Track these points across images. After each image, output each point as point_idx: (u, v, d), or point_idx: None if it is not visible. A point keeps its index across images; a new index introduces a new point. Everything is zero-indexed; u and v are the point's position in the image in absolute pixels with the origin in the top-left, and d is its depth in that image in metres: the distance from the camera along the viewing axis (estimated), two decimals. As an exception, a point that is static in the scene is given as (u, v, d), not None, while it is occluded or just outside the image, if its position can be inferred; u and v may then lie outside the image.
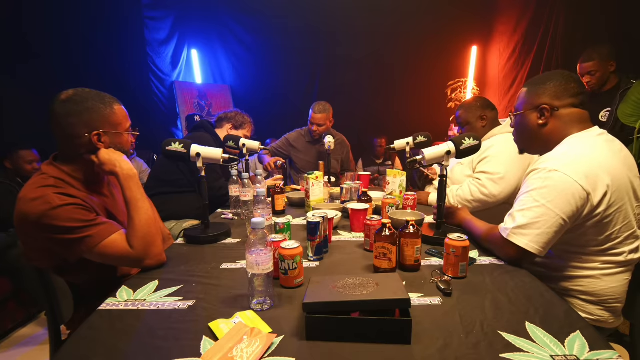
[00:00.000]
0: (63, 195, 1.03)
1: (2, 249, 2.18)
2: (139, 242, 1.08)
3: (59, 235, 1.00)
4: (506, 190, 1.70)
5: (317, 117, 2.60)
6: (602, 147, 1.09)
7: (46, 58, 3.20)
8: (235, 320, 0.82)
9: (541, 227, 1.04)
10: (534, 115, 1.19)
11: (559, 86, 1.15)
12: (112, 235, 1.07)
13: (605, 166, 1.04)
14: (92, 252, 1.04)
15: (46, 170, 1.09)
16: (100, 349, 0.74)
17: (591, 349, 0.71)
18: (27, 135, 2.78)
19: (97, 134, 1.10)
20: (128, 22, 3.89)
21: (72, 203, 1.03)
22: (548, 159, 1.10)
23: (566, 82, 1.15)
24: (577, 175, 1.02)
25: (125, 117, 1.20)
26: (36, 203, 0.99)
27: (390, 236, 1.04)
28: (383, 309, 0.78)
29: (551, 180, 1.04)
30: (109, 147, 1.14)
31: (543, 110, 1.16)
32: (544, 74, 1.23)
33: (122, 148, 1.18)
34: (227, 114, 2.24)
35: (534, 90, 1.20)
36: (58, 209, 1.00)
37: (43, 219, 0.98)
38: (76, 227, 1.01)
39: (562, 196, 1.02)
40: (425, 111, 4.62)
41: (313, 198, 1.74)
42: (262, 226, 0.88)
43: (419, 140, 2.06)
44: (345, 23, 4.49)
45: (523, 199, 1.09)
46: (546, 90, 1.17)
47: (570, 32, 3.42)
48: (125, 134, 1.19)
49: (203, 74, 4.81)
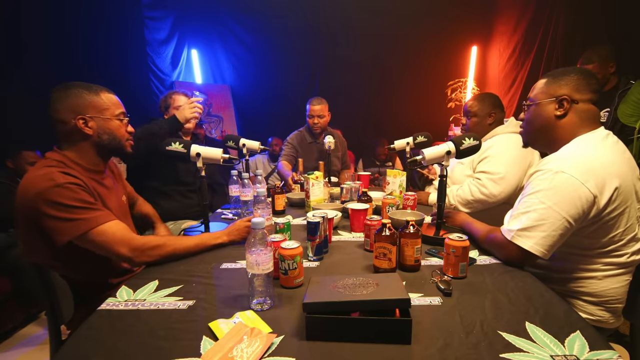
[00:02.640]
0: (67, 175, 1.06)
1: (2, 249, 2.18)
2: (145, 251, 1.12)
3: (56, 212, 1.01)
4: (506, 190, 1.70)
5: (316, 109, 2.60)
6: (610, 149, 1.08)
7: (46, 58, 3.20)
8: (235, 320, 0.82)
9: (547, 230, 1.02)
10: (551, 106, 1.16)
11: (582, 80, 1.13)
12: (107, 223, 1.08)
13: (612, 168, 1.03)
14: (83, 237, 1.05)
15: (49, 156, 1.14)
16: (100, 349, 0.74)
17: (591, 349, 0.71)
18: (27, 135, 2.78)
19: (82, 119, 1.14)
20: (128, 22, 3.89)
21: (75, 183, 1.06)
22: (554, 159, 1.08)
23: (588, 76, 1.13)
24: (583, 177, 1.00)
25: (114, 103, 1.21)
26: (40, 179, 1.02)
27: (390, 236, 1.04)
28: (383, 309, 0.78)
29: (557, 181, 1.02)
30: (97, 133, 1.17)
31: (563, 101, 1.13)
32: (563, 68, 1.19)
33: (113, 135, 1.20)
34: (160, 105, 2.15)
35: (555, 81, 1.16)
36: (61, 186, 1.02)
37: (44, 193, 1.00)
38: (75, 206, 1.03)
39: (568, 198, 1.00)
40: (425, 111, 4.62)
41: (313, 198, 1.74)
42: (262, 226, 0.88)
43: (419, 140, 2.05)
44: (345, 23, 4.48)
45: (528, 200, 1.07)
46: (569, 81, 1.14)
47: (570, 33, 3.42)
48: (115, 119, 1.21)
49: (203, 74, 4.81)
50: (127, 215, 1.41)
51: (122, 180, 1.48)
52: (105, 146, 1.21)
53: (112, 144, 1.22)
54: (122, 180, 1.48)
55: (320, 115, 2.62)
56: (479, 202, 1.75)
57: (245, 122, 4.87)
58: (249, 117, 4.87)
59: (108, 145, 1.21)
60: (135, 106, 1.74)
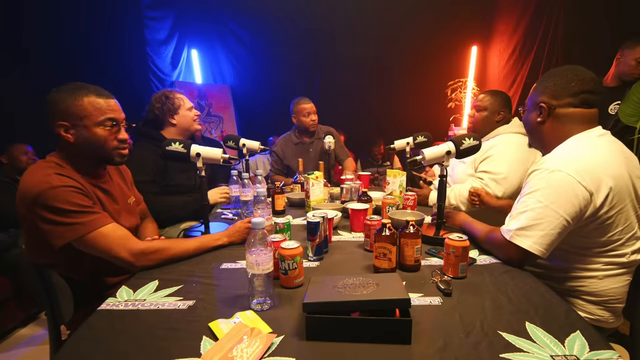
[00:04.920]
0: (64, 177, 1.05)
1: (2, 249, 2.18)
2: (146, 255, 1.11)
3: (51, 215, 1.00)
4: (509, 191, 1.70)
5: (308, 107, 2.59)
6: (604, 148, 1.08)
7: (46, 58, 3.20)
8: (235, 320, 0.82)
9: (545, 229, 1.02)
10: (533, 113, 1.19)
11: (558, 85, 1.13)
12: (105, 227, 1.07)
13: (607, 167, 1.03)
14: (81, 241, 1.04)
15: (49, 158, 1.12)
16: (100, 349, 0.74)
17: (591, 349, 0.71)
18: (27, 134, 2.78)
19: (61, 126, 1.08)
20: (128, 22, 3.89)
21: (72, 186, 1.04)
22: (549, 159, 1.08)
23: (567, 80, 1.12)
24: (579, 176, 1.00)
25: (97, 109, 1.10)
26: (36, 182, 1.01)
27: (390, 236, 1.04)
28: (383, 309, 0.78)
29: (554, 180, 1.02)
30: (77, 141, 1.09)
31: (541, 109, 1.16)
32: (552, 71, 1.19)
33: (92, 144, 1.11)
34: (153, 108, 1.79)
35: (538, 86, 1.19)
36: (56, 189, 1.01)
37: (40, 197, 0.99)
38: (71, 210, 1.02)
39: (565, 197, 1.01)
40: (425, 111, 4.61)
41: (313, 198, 1.74)
42: (262, 226, 0.88)
43: (419, 140, 2.05)
44: (345, 23, 4.48)
45: (525, 200, 1.08)
46: (546, 88, 1.15)
47: (570, 32, 3.42)
48: (97, 127, 1.11)
49: (203, 74, 4.81)
50: (134, 217, 1.38)
51: (130, 182, 1.45)
52: (87, 155, 1.14)
53: (94, 153, 1.14)
54: (130, 182, 1.45)
55: (315, 112, 2.62)
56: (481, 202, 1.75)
57: (245, 122, 4.87)
58: (249, 117, 4.87)
59: (90, 155, 1.14)
60: (135, 106, 1.73)
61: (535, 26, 3.83)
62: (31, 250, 1.12)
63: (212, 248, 1.27)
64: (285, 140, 2.76)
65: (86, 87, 1.12)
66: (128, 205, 1.35)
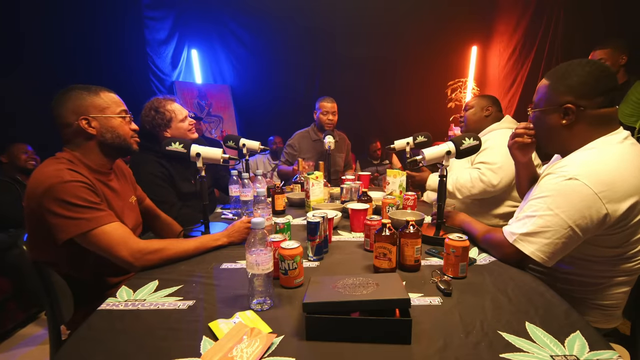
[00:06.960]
0: (74, 172, 1.09)
1: (2, 249, 2.18)
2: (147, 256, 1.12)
3: (59, 208, 1.03)
4: (504, 180, 1.76)
5: (329, 106, 2.65)
6: (629, 155, 0.98)
7: (46, 58, 3.20)
8: (235, 320, 0.82)
9: (550, 237, 0.98)
10: (555, 115, 1.04)
11: (588, 82, 0.99)
12: (109, 225, 1.09)
13: (633, 182, 0.94)
14: (84, 237, 1.06)
15: (59, 155, 1.16)
16: (100, 349, 0.74)
17: (591, 349, 0.71)
18: (27, 134, 2.78)
19: (84, 119, 1.15)
20: (128, 22, 3.89)
21: (82, 181, 1.08)
22: (570, 164, 1.00)
23: (596, 77, 0.99)
24: (599, 188, 0.92)
25: (114, 102, 1.22)
26: (48, 175, 1.04)
27: (390, 236, 1.04)
28: (383, 309, 0.78)
29: (569, 188, 0.95)
30: (100, 132, 1.18)
31: (567, 110, 1.02)
32: (568, 63, 1.05)
33: (116, 133, 1.22)
34: (144, 122, 1.72)
35: (557, 85, 1.04)
36: (68, 183, 1.04)
37: (51, 190, 1.02)
38: (79, 205, 1.05)
39: (577, 207, 0.94)
40: (425, 111, 4.62)
41: (313, 198, 1.74)
42: (262, 226, 0.88)
43: (419, 140, 2.06)
44: (345, 23, 4.48)
45: (535, 203, 1.02)
46: (572, 86, 1.01)
47: (570, 32, 3.42)
48: (117, 118, 1.22)
49: (203, 74, 4.81)
50: (137, 216, 1.40)
51: (131, 181, 1.47)
52: (109, 145, 1.22)
53: (116, 142, 1.23)
54: (131, 181, 1.47)
55: (334, 112, 2.67)
56: (478, 190, 1.80)
57: (245, 122, 4.87)
58: (249, 117, 4.87)
59: (112, 144, 1.22)
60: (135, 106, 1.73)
61: (535, 26, 3.83)
62: (34, 247, 1.13)
63: (211, 248, 1.27)
64: (303, 136, 2.81)
65: (93, 86, 1.20)
66: (130, 204, 1.36)
